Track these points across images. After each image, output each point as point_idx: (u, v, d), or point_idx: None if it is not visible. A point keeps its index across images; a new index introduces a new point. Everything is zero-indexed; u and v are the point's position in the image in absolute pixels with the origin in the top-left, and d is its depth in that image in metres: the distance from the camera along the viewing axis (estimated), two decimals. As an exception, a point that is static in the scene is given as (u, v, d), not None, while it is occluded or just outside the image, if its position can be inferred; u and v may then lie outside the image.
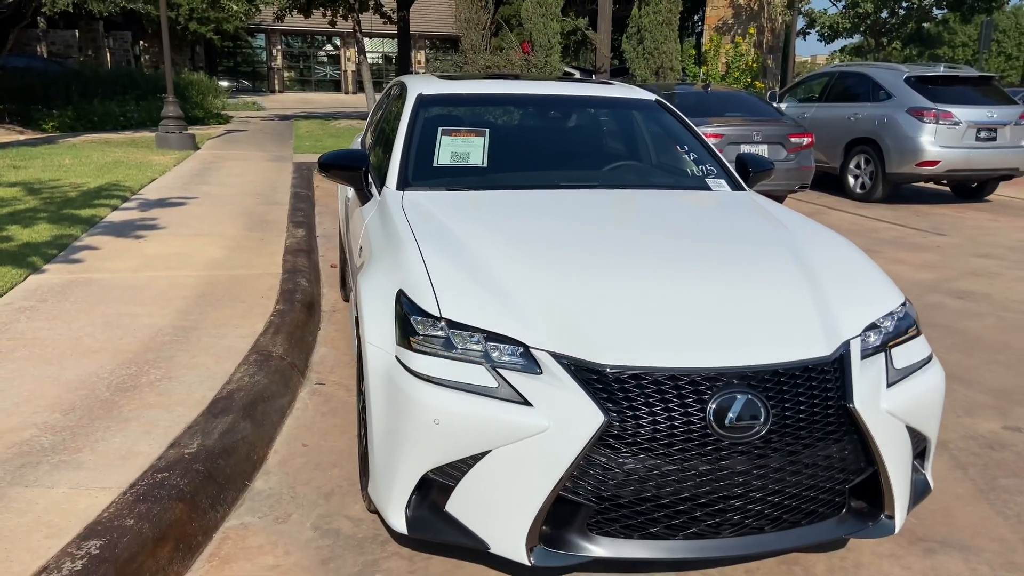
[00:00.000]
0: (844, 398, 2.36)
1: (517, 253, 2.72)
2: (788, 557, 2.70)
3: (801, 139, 9.67)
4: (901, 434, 2.50)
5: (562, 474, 2.21)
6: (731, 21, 22.34)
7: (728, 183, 3.75)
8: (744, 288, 2.63)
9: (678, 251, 2.89)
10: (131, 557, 2.34)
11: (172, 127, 13.56)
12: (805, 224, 3.28)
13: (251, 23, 36.39)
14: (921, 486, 2.71)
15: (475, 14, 17.77)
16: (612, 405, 2.23)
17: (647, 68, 17.22)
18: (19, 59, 21.18)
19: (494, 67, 15.41)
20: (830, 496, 2.43)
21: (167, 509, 2.59)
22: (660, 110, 4.16)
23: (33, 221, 7.05)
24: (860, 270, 2.88)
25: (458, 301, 2.45)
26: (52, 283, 5.27)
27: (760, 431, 2.27)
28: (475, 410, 2.28)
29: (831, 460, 2.38)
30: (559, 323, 2.36)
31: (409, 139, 3.68)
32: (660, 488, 2.26)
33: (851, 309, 2.59)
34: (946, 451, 3.53)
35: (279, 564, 2.60)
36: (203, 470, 2.87)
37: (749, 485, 2.30)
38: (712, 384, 2.27)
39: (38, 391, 3.49)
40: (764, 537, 2.37)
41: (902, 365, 2.58)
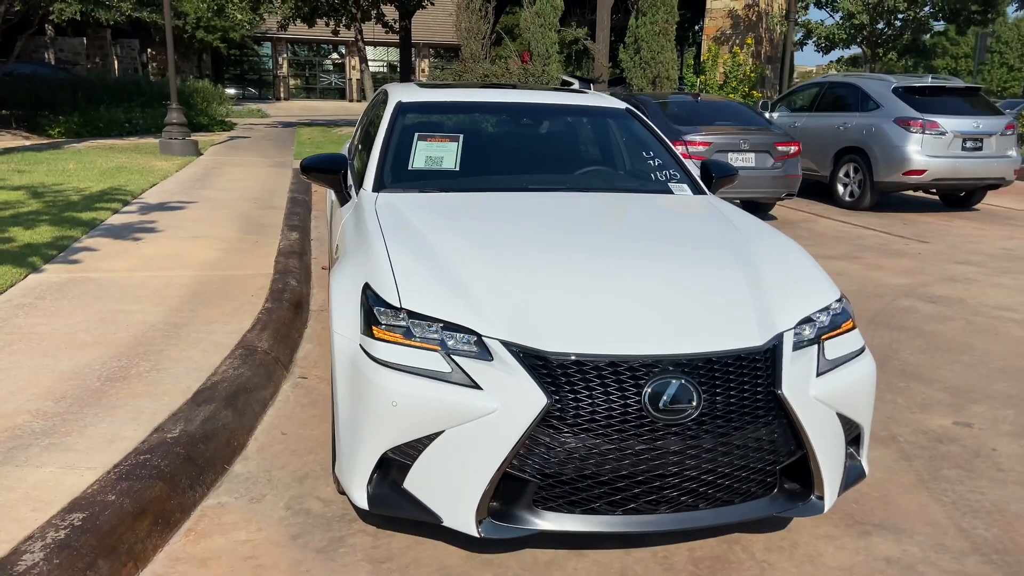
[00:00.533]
0: (774, 385, 2.54)
1: (477, 250, 2.91)
2: (729, 536, 2.88)
3: (788, 147, 9.85)
4: (831, 420, 2.68)
5: (508, 452, 2.40)
6: (729, 32, 22.55)
7: (690, 187, 3.94)
8: (687, 284, 2.82)
9: (629, 249, 3.08)
10: (111, 529, 2.53)
11: (175, 133, 13.81)
12: (755, 226, 3.46)
13: (257, 32, 36.74)
14: (856, 471, 2.89)
15: (475, 24, 17.99)
16: (555, 389, 2.42)
17: (644, 77, 17.43)
18: (26, 66, 21.50)
19: (492, 76, 15.63)
20: (762, 476, 2.61)
21: (147, 487, 2.78)
22: (630, 118, 4.35)
23: (35, 223, 7.26)
24: (800, 268, 3.06)
25: (418, 294, 2.64)
26: (51, 282, 5.47)
27: (692, 414, 2.45)
28: (429, 393, 2.46)
29: (761, 442, 2.56)
30: (510, 314, 2.55)
31: (387, 144, 3.88)
32: (600, 466, 2.44)
33: (788, 304, 2.77)
34: (894, 443, 3.70)
35: (251, 539, 2.78)
36: (183, 453, 3.06)
37: (683, 464, 2.48)
38: (649, 370, 2.45)
39: (33, 381, 3.68)
40: (699, 513, 2.55)
41: (833, 356, 2.76)
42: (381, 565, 2.66)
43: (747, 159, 9.69)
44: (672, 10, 17.25)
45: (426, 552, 2.73)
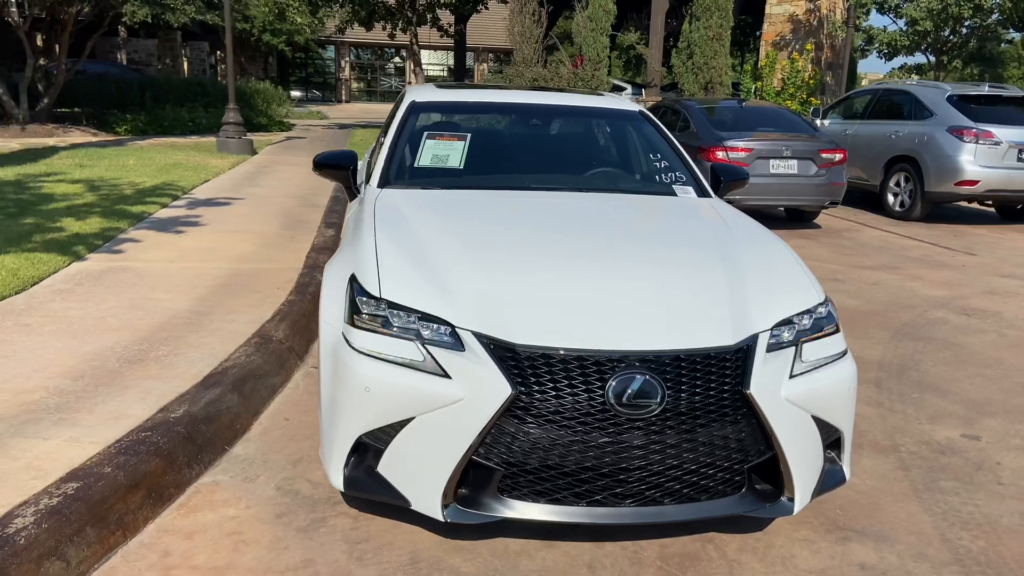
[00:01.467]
0: (742, 384, 2.56)
1: (464, 246, 2.99)
2: (704, 535, 2.89)
3: (833, 155, 9.69)
4: (804, 423, 2.68)
5: (473, 440, 2.47)
6: (789, 37, 22.19)
7: (695, 190, 3.95)
8: (666, 282, 2.85)
9: (617, 248, 3.12)
10: (103, 499, 2.68)
11: (232, 132, 14.25)
12: (749, 229, 3.46)
13: (321, 35, 37.54)
14: (835, 475, 2.87)
15: (528, 28, 18.13)
16: (521, 380, 2.48)
17: (696, 83, 17.31)
18: (98, 65, 22.43)
19: (541, 79, 15.72)
20: (729, 475, 2.62)
21: (144, 462, 2.93)
22: (643, 121, 4.38)
23: (87, 215, 7.61)
24: (786, 271, 3.05)
25: (398, 285, 2.73)
26: (91, 269, 5.74)
27: (656, 410, 2.48)
28: (401, 380, 2.55)
29: (728, 441, 2.58)
30: (485, 307, 2.62)
31: (396, 142, 3.99)
32: (564, 457, 2.49)
33: (768, 306, 2.78)
34: (895, 453, 3.65)
35: (238, 516, 2.90)
36: (184, 432, 3.20)
37: (647, 459, 2.51)
38: (615, 365, 2.49)
39: (56, 360, 3.89)
40: (664, 508, 2.58)
41: (811, 359, 2.75)
42: (356, 545, 2.75)
43: (789, 166, 9.57)
44: (727, 15, 17.11)
45: (402, 536, 2.81)
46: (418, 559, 2.69)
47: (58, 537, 2.46)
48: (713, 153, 9.49)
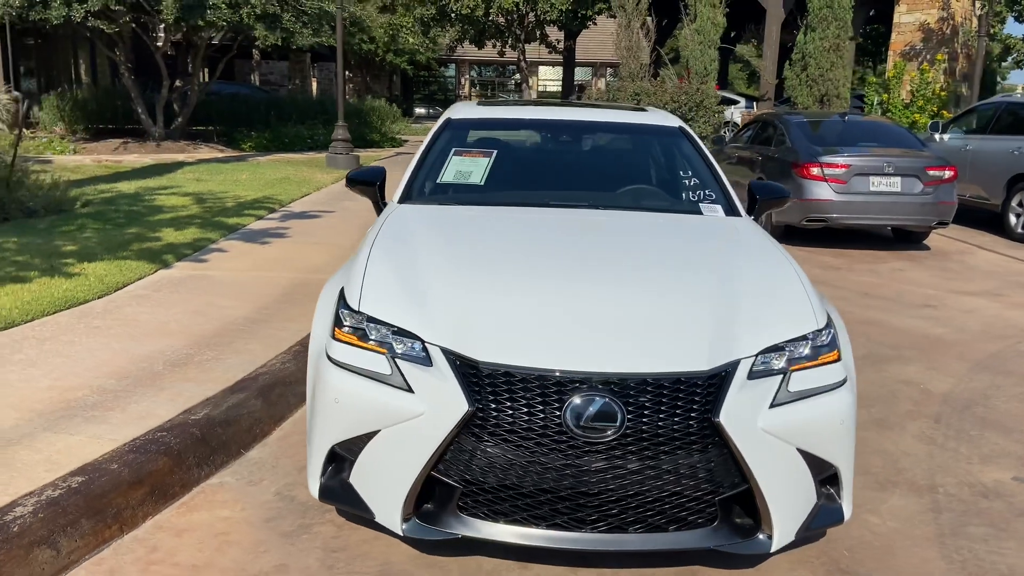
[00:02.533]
0: (712, 412, 2.45)
1: (453, 263, 3.01)
2: (688, 568, 2.77)
3: (941, 172, 9.09)
4: (787, 455, 2.54)
5: (431, 455, 2.47)
6: (919, 46, 21.01)
7: (724, 209, 3.81)
8: (654, 304, 2.77)
9: (613, 268, 3.05)
10: (103, 493, 2.85)
11: (340, 148, 14.86)
12: (762, 250, 3.30)
13: (442, 54, 38.54)
14: (831, 513, 2.70)
15: (635, 42, 18.00)
16: (481, 398, 2.47)
17: (810, 96, 16.65)
18: (231, 86, 23.89)
19: (644, 94, 15.56)
20: (698, 505, 2.51)
21: (151, 460, 3.10)
22: (681, 137, 4.27)
23: (186, 226, 8.12)
24: (788, 296, 2.89)
25: (379, 299, 2.78)
26: (173, 277, 6.13)
27: (614, 434, 2.41)
28: (367, 393, 2.59)
29: (696, 470, 2.47)
30: (458, 325, 2.62)
31: (423, 158, 4.07)
32: (522, 478, 2.46)
33: (758, 330, 2.65)
34: (930, 494, 3.38)
35: (231, 517, 3.02)
36: (198, 434, 3.37)
37: (607, 484, 2.44)
38: (576, 386, 2.44)
39: (109, 361, 4.18)
40: (626, 536, 2.50)
41: (800, 388, 2.60)
42: (332, 554, 2.81)
43: (892, 183, 9.04)
44: (845, 25, 16.39)
45: (379, 548, 2.85)
46: (386, 572, 2.71)
47: (52, 527, 2.64)
48: (807, 170, 9.11)
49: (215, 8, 14.64)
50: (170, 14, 14.59)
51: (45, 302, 5.09)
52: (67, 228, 7.70)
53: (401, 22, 24.41)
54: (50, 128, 19.37)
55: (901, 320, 6.21)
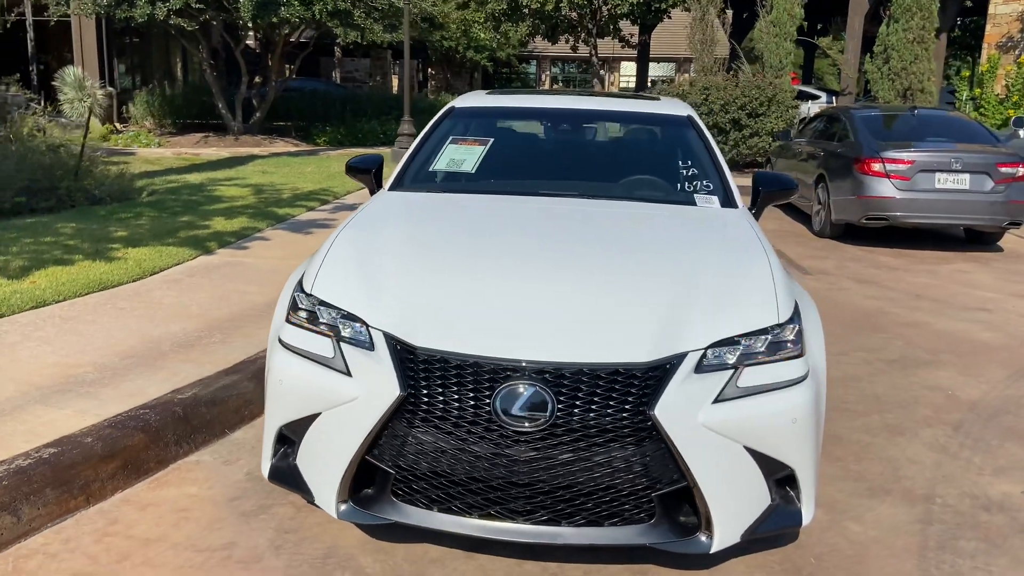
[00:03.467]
0: (649, 405, 2.35)
1: (414, 249, 2.99)
2: (639, 567, 2.68)
3: (1014, 169, 8.54)
4: (732, 453, 2.42)
5: (363, 440, 2.46)
6: (1017, 37, 19.85)
7: (720, 200, 3.66)
8: (607, 294, 2.67)
9: (577, 256, 2.97)
10: (71, 465, 2.95)
11: (405, 143, 15.00)
12: (740, 242, 3.14)
13: (523, 51, 38.58)
14: (787, 516, 2.57)
15: (708, 35, 17.61)
16: (414, 383, 2.44)
17: (892, 89, 15.92)
18: (309, 82, 24.50)
19: (714, 87, 15.19)
20: (635, 501, 2.42)
21: (126, 436, 3.19)
22: (687, 127, 4.12)
23: (238, 215, 8.37)
24: (752, 290, 2.75)
25: (332, 283, 2.78)
26: (210, 263, 6.31)
27: (543, 424, 2.34)
28: (307, 376, 2.60)
29: (631, 464, 2.38)
30: (403, 310, 2.60)
31: (420, 146, 4.06)
32: (453, 466, 2.42)
33: (711, 323, 2.54)
34: (925, 503, 3.18)
35: (196, 494, 3.09)
36: (180, 413, 3.45)
37: (537, 475, 2.38)
38: (508, 374, 2.38)
39: (121, 341, 4.33)
40: (560, 529, 2.43)
41: (752, 383, 2.48)
42: (283, 535, 2.83)
43: (959, 180, 8.56)
44: (930, 16, 15.60)
45: (330, 531, 2.85)
46: (331, 555, 2.72)
47: (15, 495, 2.74)
48: (868, 165, 8.71)
49: (288, 5, 15.04)
50: (246, 11, 15.06)
51: (80, 284, 5.32)
52: (124, 215, 8.04)
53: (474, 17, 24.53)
54: (141, 122, 20.29)
55: (947, 323, 5.86)
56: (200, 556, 2.68)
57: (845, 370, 4.78)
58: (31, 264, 5.77)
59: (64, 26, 20.72)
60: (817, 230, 9.59)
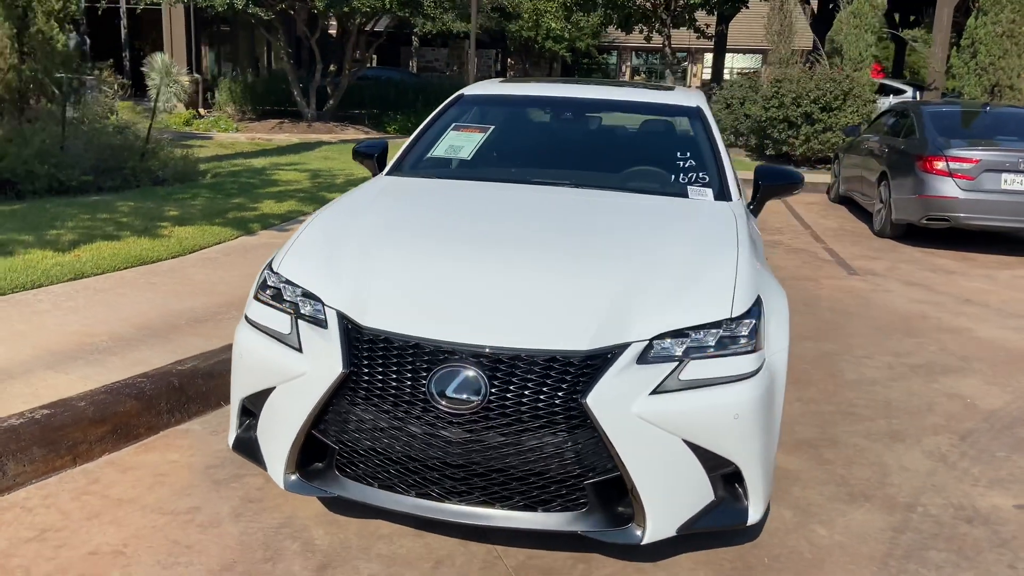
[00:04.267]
0: (582, 393, 2.35)
1: (384, 232, 3.04)
2: (582, 555, 2.67)
3: (1091, 170, 8.05)
4: (668, 445, 2.40)
5: (308, 414, 2.53)
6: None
7: (715, 193, 3.59)
8: (560, 281, 2.67)
9: (541, 245, 2.96)
10: (61, 426, 3.13)
11: (469, 131, 15.17)
12: (713, 235, 3.07)
13: (604, 41, 38.28)
14: (731, 513, 2.54)
15: (786, 25, 17.12)
16: (358, 361, 2.50)
17: (979, 85, 15.15)
18: (384, 71, 24.90)
19: (786, 80, 14.75)
20: (566, 488, 2.42)
21: (118, 402, 3.36)
22: (694, 118, 4.04)
23: (288, 198, 8.62)
24: (711, 283, 2.69)
25: (297, 262, 2.86)
26: (248, 243, 6.53)
27: (476, 407, 2.36)
28: (262, 351, 2.69)
29: (563, 451, 2.38)
30: (358, 290, 2.65)
31: (422, 132, 4.11)
32: (391, 444, 2.47)
33: (660, 315, 2.51)
34: (903, 512, 3.06)
35: (176, 461, 3.23)
36: (176, 383, 3.60)
37: (470, 457, 2.41)
38: (446, 356, 2.42)
39: (142, 313, 4.54)
40: (493, 512, 2.46)
41: (695, 376, 2.44)
42: (247, 504, 2.94)
43: None
44: (1021, 9, 14.75)
45: (292, 503, 2.94)
46: (287, 525, 2.81)
47: (1, 451, 2.92)
48: (930, 163, 8.35)
49: (360, -6, 15.33)
50: (321, 1, 15.43)
51: (120, 258, 5.59)
52: (182, 196, 8.38)
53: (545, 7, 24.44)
54: (223, 108, 21.03)
55: (990, 330, 5.59)
56: (164, 518, 2.81)
57: (863, 373, 4.63)
58: (81, 239, 6.09)
59: (156, 14, 21.64)
60: (877, 230, 9.26)
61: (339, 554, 2.65)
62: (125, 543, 2.65)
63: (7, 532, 2.67)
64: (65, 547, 2.60)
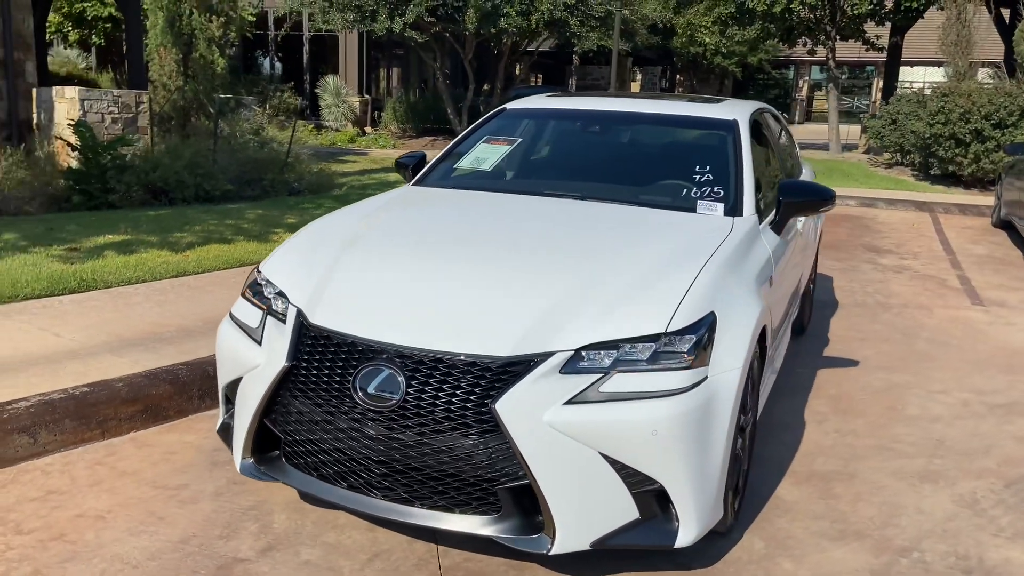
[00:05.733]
0: (494, 399, 2.37)
1: (366, 238, 3.18)
2: (516, 563, 2.67)
3: None
4: (583, 457, 2.37)
5: (258, 404, 2.71)
6: None
7: (726, 208, 3.45)
8: (503, 288, 2.70)
9: (504, 253, 2.99)
10: (95, 403, 3.51)
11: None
12: (686, 251, 2.95)
13: (779, 55, 36.89)
14: (656, 533, 2.46)
15: (964, 36, 15.84)
16: (300, 356, 2.65)
17: None
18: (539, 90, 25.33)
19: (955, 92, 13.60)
20: (479, 492, 2.44)
21: (152, 386, 3.71)
22: (729, 131, 3.86)
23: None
24: (658, 297, 2.61)
25: (279, 263, 3.07)
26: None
27: (394, 405, 2.44)
28: (235, 342, 2.90)
29: (475, 455, 2.41)
30: (318, 289, 2.81)
31: (457, 143, 4.23)
32: (323, 437, 2.60)
33: (597, 325, 2.49)
34: (894, 555, 2.80)
35: (190, 442, 3.52)
36: (211, 372, 3.91)
37: (389, 453, 2.48)
38: (373, 355, 2.52)
39: (217, 309, 4.95)
40: (412, 509, 2.52)
41: (617, 389, 2.39)
42: (232, 485, 3.15)
43: None
44: None
45: (270, 489, 3.12)
46: (255, 508, 2.99)
47: (36, 420, 3.32)
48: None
49: (507, 16, 15.77)
50: (471, 23, 16.04)
51: (222, 259, 6.12)
52: (307, 205, 9.00)
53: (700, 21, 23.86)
54: (388, 126, 22.30)
55: (1112, 370, 4.93)
56: (153, 492, 3.08)
57: (928, 409, 4.25)
58: (198, 241, 6.72)
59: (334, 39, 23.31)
60: (1030, 257, 8.38)
61: (288, 538, 2.81)
62: (110, 510, 2.94)
63: (18, 491, 3.03)
64: (59, 508, 2.93)
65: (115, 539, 2.75)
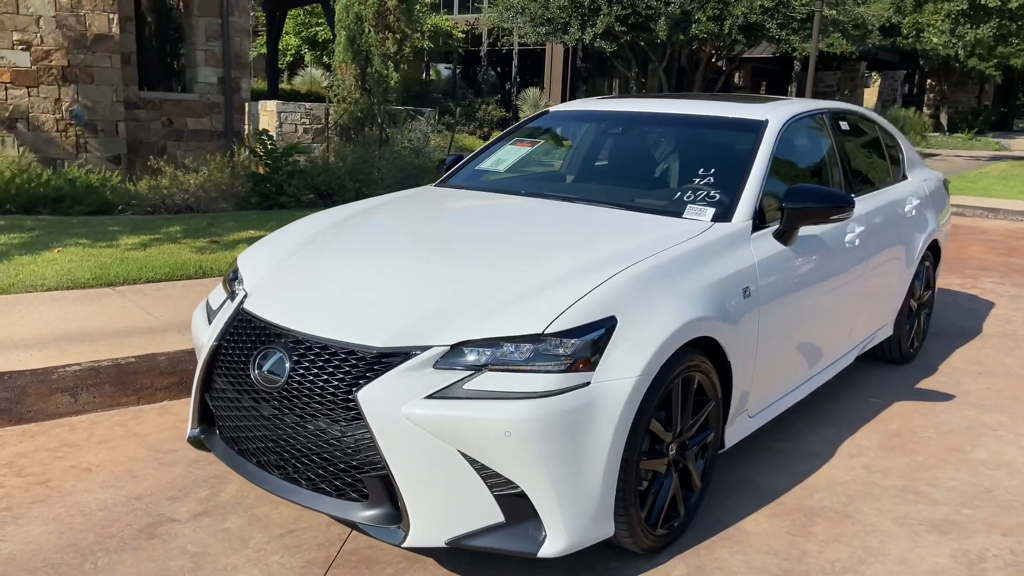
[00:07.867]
0: (359, 387, 2.40)
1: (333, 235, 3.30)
2: (411, 555, 2.67)
3: None
4: (440, 452, 2.34)
5: (197, 379, 2.93)
6: None
7: (716, 213, 3.17)
8: (412, 283, 2.74)
9: (458, 253, 3.02)
10: (134, 372, 3.95)
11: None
12: (624, 254, 2.75)
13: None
14: (521, 539, 2.38)
15: None
16: (226, 336, 2.84)
17: None
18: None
19: None
20: (347, 478, 2.49)
21: (191, 360, 4.09)
22: (752, 132, 3.53)
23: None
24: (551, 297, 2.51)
25: (252, 255, 3.30)
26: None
27: (276, 386, 2.56)
28: (196, 323, 3.16)
29: (342, 442, 2.46)
30: (266, 278, 3.00)
31: (487, 146, 4.25)
32: (236, 414, 2.77)
33: (481, 322, 2.47)
34: (820, 607, 2.46)
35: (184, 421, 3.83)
36: (249, 354, 4.26)
37: (278, 433, 2.60)
38: (272, 339, 2.65)
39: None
40: (298, 489, 2.61)
41: (482, 387, 2.34)
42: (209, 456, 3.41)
43: None
44: None
45: (242, 462, 3.35)
46: (218, 477, 3.22)
47: (79, 383, 3.81)
48: None
49: (698, 22, 15.36)
50: (662, 31, 15.81)
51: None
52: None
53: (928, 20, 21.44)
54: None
55: None
56: (144, 453, 3.42)
57: (1002, 454, 3.66)
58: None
59: (541, 52, 23.97)
60: None
61: (225, 507, 3.00)
62: (100, 464, 3.31)
63: (40, 441, 3.50)
64: (62, 459, 3.34)
65: (86, 489, 3.10)
